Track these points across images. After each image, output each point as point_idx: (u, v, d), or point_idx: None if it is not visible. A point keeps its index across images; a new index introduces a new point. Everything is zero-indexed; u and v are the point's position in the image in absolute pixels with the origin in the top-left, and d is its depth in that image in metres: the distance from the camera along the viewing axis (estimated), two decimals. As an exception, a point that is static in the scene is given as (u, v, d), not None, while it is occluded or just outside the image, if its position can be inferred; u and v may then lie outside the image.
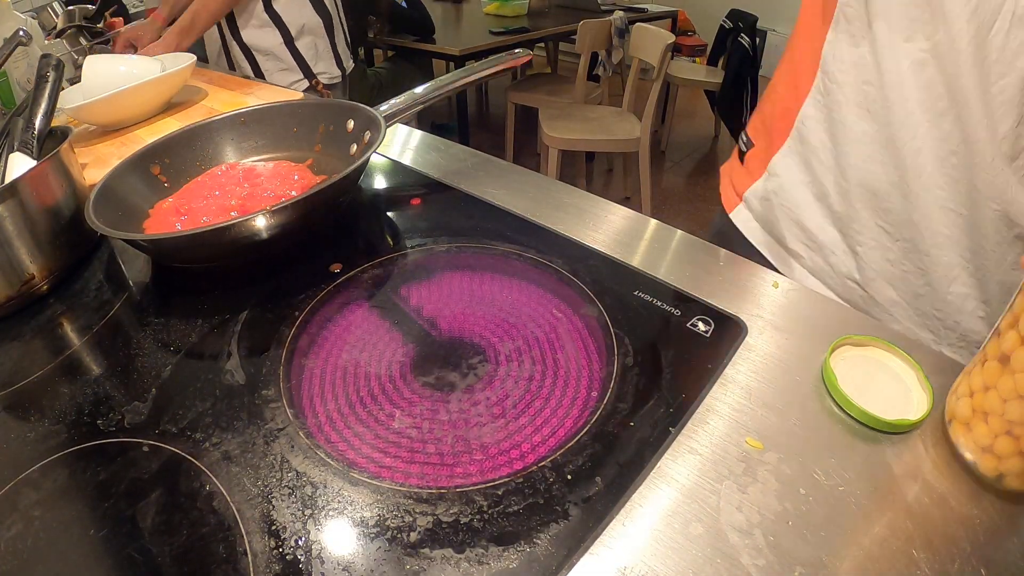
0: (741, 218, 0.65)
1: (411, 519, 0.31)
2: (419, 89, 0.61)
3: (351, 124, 0.61)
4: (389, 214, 0.59)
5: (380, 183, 0.64)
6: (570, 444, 0.34)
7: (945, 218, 0.48)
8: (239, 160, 0.63)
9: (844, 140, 0.52)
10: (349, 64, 1.54)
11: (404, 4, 2.35)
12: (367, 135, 0.57)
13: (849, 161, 0.52)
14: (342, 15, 1.50)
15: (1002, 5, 0.40)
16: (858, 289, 0.56)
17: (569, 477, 0.32)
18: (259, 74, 1.39)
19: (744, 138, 0.67)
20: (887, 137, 0.49)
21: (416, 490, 0.32)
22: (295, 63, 1.39)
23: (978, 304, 0.50)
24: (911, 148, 0.47)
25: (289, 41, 1.36)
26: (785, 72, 0.60)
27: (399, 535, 0.30)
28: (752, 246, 0.64)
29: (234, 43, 1.36)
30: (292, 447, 0.35)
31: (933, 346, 0.53)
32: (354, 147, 0.60)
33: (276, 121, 0.64)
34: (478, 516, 0.31)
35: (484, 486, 0.32)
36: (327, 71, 1.44)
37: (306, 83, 1.41)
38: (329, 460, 0.34)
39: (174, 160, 0.61)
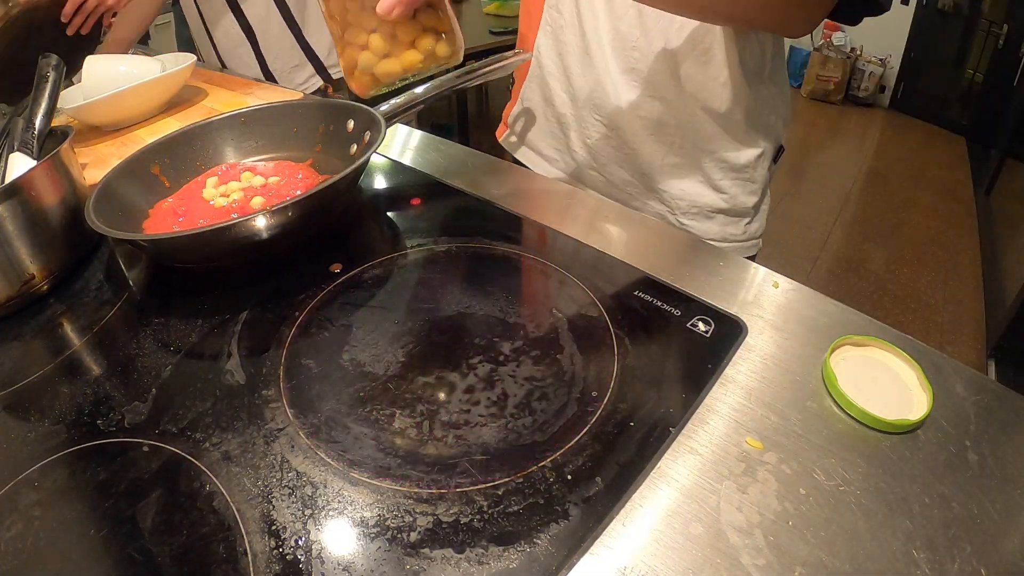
0: (507, 143, 0.79)
1: (411, 519, 0.31)
2: (419, 89, 0.61)
3: (351, 124, 0.60)
4: (389, 214, 0.59)
5: (380, 183, 0.64)
6: (570, 444, 0.34)
7: (634, 110, 0.61)
8: (239, 160, 0.63)
9: (566, 55, 0.65)
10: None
11: None
12: (367, 135, 0.57)
13: (572, 72, 0.65)
14: None
15: None
16: (599, 176, 0.69)
17: (569, 477, 0.32)
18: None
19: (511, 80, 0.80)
20: (585, 46, 0.62)
21: (416, 490, 0.32)
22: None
23: (679, 165, 0.64)
24: (600, 55, 0.61)
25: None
26: (523, 14, 0.72)
27: (399, 535, 0.30)
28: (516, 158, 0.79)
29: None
30: (292, 447, 0.35)
31: (669, 217, 0.67)
32: (354, 147, 0.59)
33: (276, 121, 0.64)
34: (478, 516, 0.31)
35: (484, 486, 0.32)
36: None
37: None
38: (329, 460, 0.34)
39: (174, 160, 0.61)
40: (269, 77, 1.36)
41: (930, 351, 0.40)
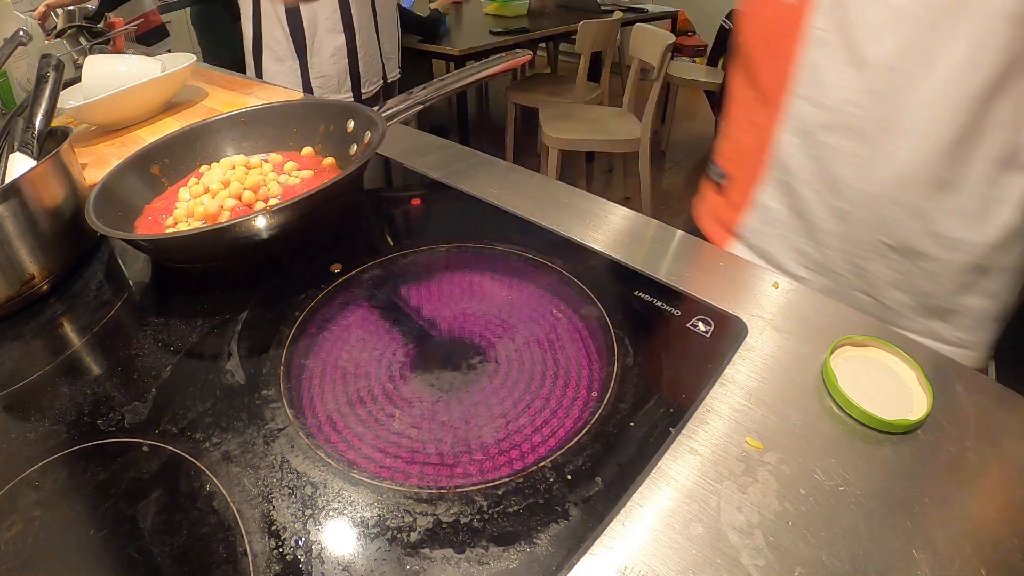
0: (740, 253, 0.62)
1: (411, 519, 0.31)
2: (419, 89, 0.61)
3: (351, 125, 0.60)
4: (389, 214, 0.59)
5: (380, 183, 0.64)
6: (570, 444, 0.34)
7: (949, 221, 0.48)
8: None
9: (832, 162, 0.51)
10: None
11: (412, 7, 2.36)
12: (367, 136, 0.56)
13: (842, 182, 0.51)
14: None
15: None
16: (867, 298, 0.55)
17: (569, 477, 0.32)
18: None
19: (716, 169, 0.66)
20: (884, 154, 0.48)
21: (416, 490, 0.32)
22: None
23: (983, 286, 0.52)
24: (906, 160, 0.47)
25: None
26: (744, 99, 0.58)
27: (399, 535, 0.30)
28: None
29: None
30: (292, 447, 0.35)
31: (946, 334, 0.54)
32: (354, 148, 0.59)
33: (276, 121, 0.64)
34: (478, 516, 0.31)
35: (484, 486, 0.32)
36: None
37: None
38: (329, 460, 0.34)
39: (174, 160, 0.61)
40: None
41: (930, 351, 0.40)
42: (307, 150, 0.63)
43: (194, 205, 0.53)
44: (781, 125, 0.54)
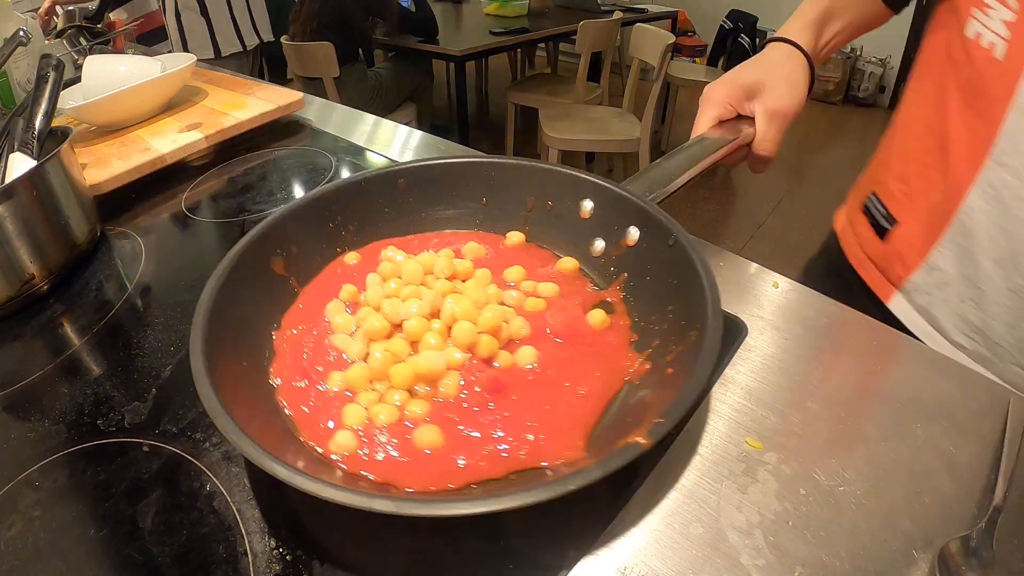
0: (901, 309, 0.59)
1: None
2: (680, 171, 0.47)
3: (587, 207, 0.44)
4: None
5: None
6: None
7: None
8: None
9: (1021, 238, 0.47)
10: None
11: (411, 6, 2.36)
12: (632, 234, 0.41)
13: None
14: None
15: None
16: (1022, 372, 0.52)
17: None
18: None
19: (879, 206, 0.60)
20: None
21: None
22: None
23: None
24: None
25: None
26: (930, 147, 0.53)
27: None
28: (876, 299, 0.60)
29: None
30: (292, 447, 0.35)
31: None
32: (600, 245, 0.43)
33: (452, 185, 0.47)
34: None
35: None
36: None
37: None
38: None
39: (304, 247, 0.42)
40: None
41: (930, 351, 0.41)
42: (516, 237, 0.45)
43: (381, 362, 0.34)
44: (973, 188, 0.49)
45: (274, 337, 0.38)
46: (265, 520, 0.31)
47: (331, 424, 0.32)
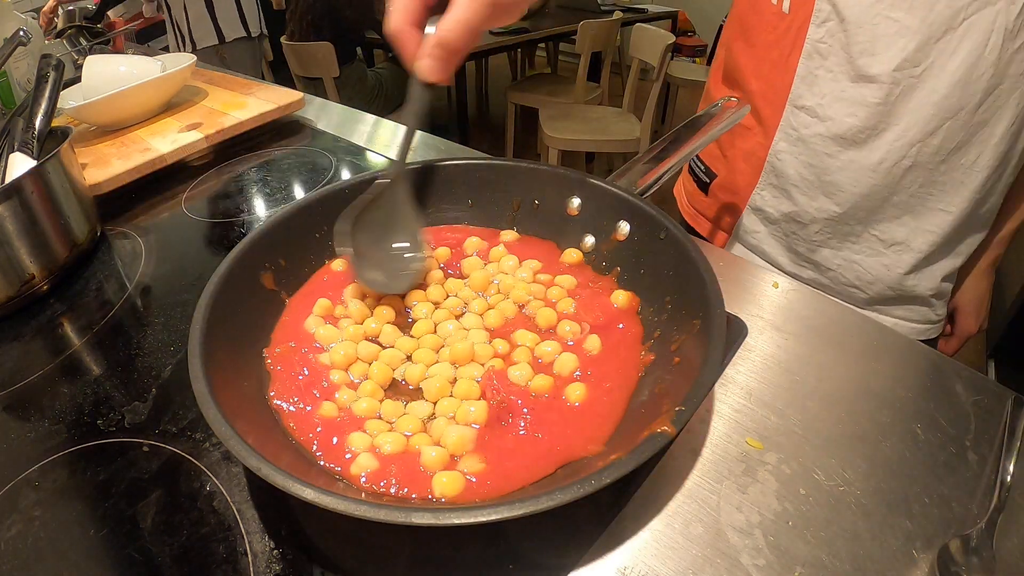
0: (739, 253, 0.64)
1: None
2: (666, 156, 0.45)
3: (575, 203, 0.44)
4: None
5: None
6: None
7: (936, 218, 0.53)
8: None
9: (829, 169, 0.53)
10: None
11: None
12: (622, 228, 0.42)
13: (839, 187, 0.54)
14: None
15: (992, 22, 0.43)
16: (859, 292, 0.58)
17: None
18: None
19: (700, 166, 0.67)
20: (878, 159, 0.51)
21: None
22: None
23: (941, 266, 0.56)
24: (901, 167, 0.51)
25: None
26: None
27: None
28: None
29: None
30: (292, 447, 0.35)
31: (911, 315, 0.59)
32: (590, 241, 0.44)
33: (435, 187, 0.47)
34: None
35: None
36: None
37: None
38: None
39: (292, 259, 0.42)
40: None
41: (930, 351, 0.40)
42: (509, 235, 0.46)
43: (391, 418, 0.34)
44: (778, 132, 0.55)
45: (265, 354, 0.37)
46: (265, 520, 0.31)
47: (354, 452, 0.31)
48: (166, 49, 1.80)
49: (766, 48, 0.55)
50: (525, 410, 0.33)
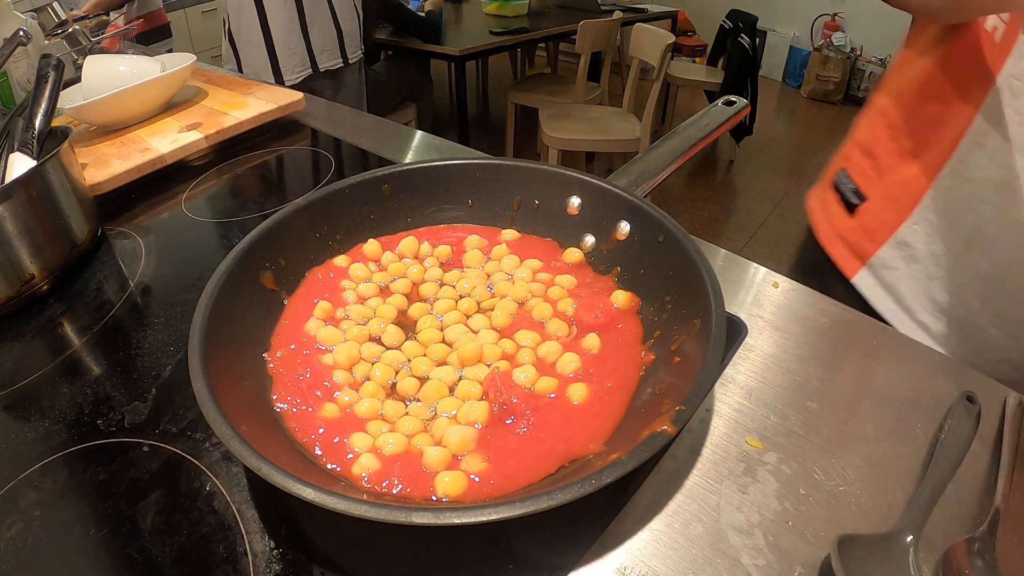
0: (866, 285, 0.58)
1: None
2: (660, 161, 0.46)
3: (575, 203, 0.44)
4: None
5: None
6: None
7: None
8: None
9: (987, 221, 0.47)
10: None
11: (417, 9, 2.35)
12: (623, 228, 0.41)
13: (998, 246, 0.47)
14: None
15: None
16: (984, 366, 0.50)
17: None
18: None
19: (847, 183, 0.59)
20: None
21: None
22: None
23: None
24: None
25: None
26: (902, 123, 0.53)
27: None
28: (856, 292, 0.58)
29: None
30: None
31: None
32: (590, 240, 0.43)
33: (435, 189, 0.46)
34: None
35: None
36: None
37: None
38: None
39: (292, 259, 0.42)
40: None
41: (929, 350, 0.40)
42: (510, 234, 0.45)
43: (393, 419, 0.34)
44: (947, 166, 0.49)
45: (266, 356, 0.37)
46: (265, 520, 0.31)
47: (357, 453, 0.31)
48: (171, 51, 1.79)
49: (959, 72, 0.49)
50: (527, 411, 0.33)
